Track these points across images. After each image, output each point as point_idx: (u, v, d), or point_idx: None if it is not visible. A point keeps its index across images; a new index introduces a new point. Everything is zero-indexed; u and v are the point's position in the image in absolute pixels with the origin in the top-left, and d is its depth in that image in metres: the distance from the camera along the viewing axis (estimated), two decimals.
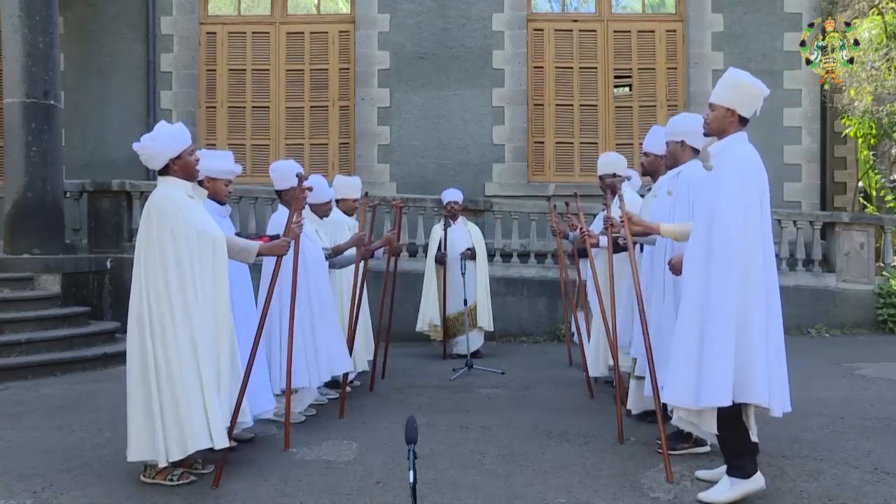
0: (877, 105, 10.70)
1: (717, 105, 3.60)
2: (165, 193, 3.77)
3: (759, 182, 3.46)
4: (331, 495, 3.62)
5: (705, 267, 3.41)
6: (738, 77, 3.59)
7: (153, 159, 3.82)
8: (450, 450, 4.38)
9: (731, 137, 3.56)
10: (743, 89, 3.56)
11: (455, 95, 11.10)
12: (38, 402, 5.84)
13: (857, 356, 7.76)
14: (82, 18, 11.18)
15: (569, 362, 7.49)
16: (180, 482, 3.78)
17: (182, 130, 3.89)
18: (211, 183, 4.40)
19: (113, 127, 11.12)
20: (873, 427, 4.83)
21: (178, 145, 3.82)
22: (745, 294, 3.32)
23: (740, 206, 3.36)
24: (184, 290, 3.65)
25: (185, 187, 3.85)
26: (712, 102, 3.63)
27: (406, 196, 10.14)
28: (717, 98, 3.61)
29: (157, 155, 3.80)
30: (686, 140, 4.42)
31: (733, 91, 3.57)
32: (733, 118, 3.56)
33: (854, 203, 12.68)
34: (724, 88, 3.60)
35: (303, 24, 11.42)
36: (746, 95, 3.56)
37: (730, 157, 3.48)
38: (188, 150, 3.86)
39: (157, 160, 3.82)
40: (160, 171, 3.86)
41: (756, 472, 3.44)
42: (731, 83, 3.58)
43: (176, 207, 3.71)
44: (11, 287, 7.83)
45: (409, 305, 9.34)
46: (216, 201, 4.44)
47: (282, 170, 5.18)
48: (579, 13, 11.55)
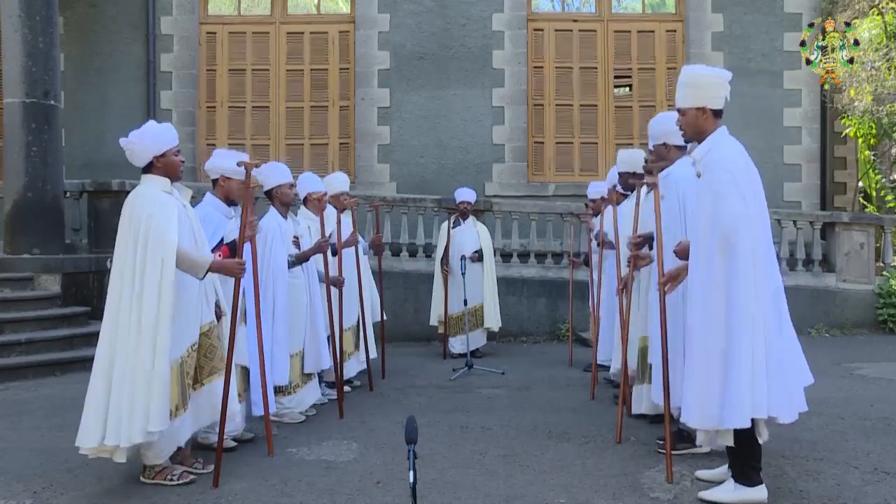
0: (877, 105, 10.70)
1: (686, 108, 3.50)
2: (141, 190, 3.77)
3: (752, 181, 3.38)
4: (331, 495, 3.62)
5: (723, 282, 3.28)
6: (694, 73, 3.50)
7: (137, 155, 3.83)
8: (450, 450, 4.38)
9: (713, 136, 3.46)
10: (704, 83, 3.47)
11: (455, 95, 11.10)
12: (38, 402, 5.85)
13: (857, 356, 7.76)
14: (82, 18, 11.18)
15: (569, 362, 7.50)
16: (180, 482, 3.77)
17: (169, 129, 3.90)
18: (226, 182, 4.40)
19: (113, 127, 11.09)
20: (873, 427, 4.83)
21: (163, 143, 3.82)
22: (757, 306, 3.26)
23: (744, 216, 3.28)
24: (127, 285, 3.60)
25: (165, 185, 3.83)
26: (679, 108, 3.52)
27: (406, 196, 10.15)
28: (682, 101, 3.50)
29: (142, 151, 3.80)
30: (668, 141, 4.32)
31: (695, 89, 3.47)
32: (706, 115, 3.47)
33: (854, 203, 12.68)
34: (686, 89, 3.50)
35: (303, 24, 11.42)
36: (710, 87, 3.46)
37: (717, 161, 3.38)
38: (173, 150, 3.86)
39: (140, 157, 3.82)
40: (144, 169, 3.85)
41: (761, 484, 3.41)
42: (690, 81, 3.49)
43: (149, 205, 3.68)
44: (11, 287, 7.83)
45: (410, 305, 9.36)
46: (226, 202, 4.45)
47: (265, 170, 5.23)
48: (579, 13, 11.55)
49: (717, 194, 3.34)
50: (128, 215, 3.71)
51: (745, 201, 3.31)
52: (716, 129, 3.48)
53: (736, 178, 3.34)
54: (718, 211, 3.32)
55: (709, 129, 3.48)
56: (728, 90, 3.50)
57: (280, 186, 5.27)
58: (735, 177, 3.34)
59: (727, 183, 3.32)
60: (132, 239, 3.64)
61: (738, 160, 3.40)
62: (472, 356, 7.26)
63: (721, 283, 3.30)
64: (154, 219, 3.63)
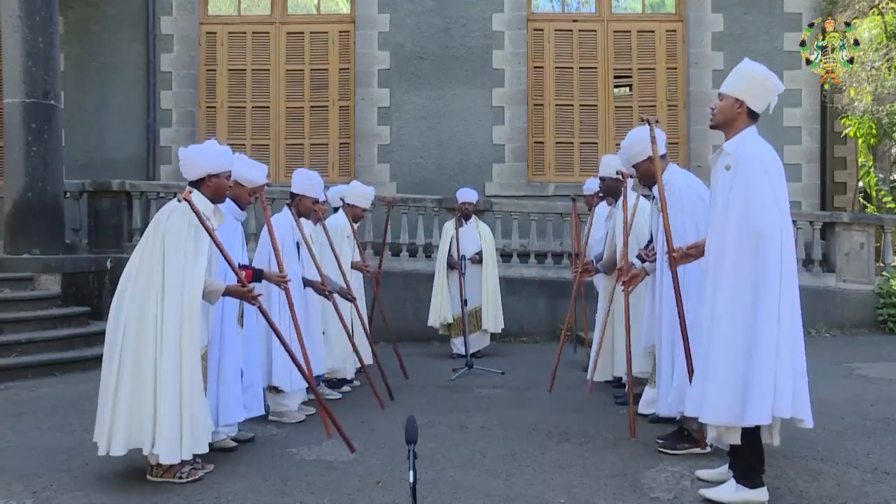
0: (877, 105, 10.70)
1: (726, 94, 3.48)
2: (181, 211, 3.79)
3: (782, 181, 3.39)
4: (331, 495, 3.61)
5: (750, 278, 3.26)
6: (750, 67, 3.48)
7: (193, 168, 3.91)
8: (450, 450, 4.38)
9: (745, 133, 3.44)
10: (755, 79, 3.45)
11: (455, 95, 11.10)
12: (38, 402, 5.85)
13: (857, 356, 7.76)
14: (82, 18, 11.17)
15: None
16: (189, 479, 3.79)
17: (230, 153, 4.03)
18: (237, 188, 4.46)
19: (113, 127, 11.12)
20: (873, 427, 4.83)
21: (220, 164, 3.94)
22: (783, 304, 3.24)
23: (777, 213, 3.29)
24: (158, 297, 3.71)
25: (207, 205, 3.91)
26: (721, 92, 3.51)
27: (406, 196, 10.15)
28: (726, 87, 3.49)
29: (199, 165, 3.89)
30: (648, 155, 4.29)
31: (744, 80, 3.45)
32: (742, 109, 3.45)
33: (854, 203, 12.69)
34: (735, 77, 3.49)
35: (303, 24, 11.42)
36: (758, 86, 3.44)
37: (753, 157, 3.35)
38: (226, 174, 3.96)
39: (196, 171, 3.90)
40: (193, 182, 3.92)
41: (762, 486, 3.40)
42: (743, 72, 3.47)
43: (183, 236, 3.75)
44: (11, 287, 7.83)
45: (410, 305, 9.35)
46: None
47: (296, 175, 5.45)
48: (579, 13, 11.55)
49: (752, 190, 3.31)
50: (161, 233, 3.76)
51: (777, 199, 3.32)
52: (746, 127, 3.47)
53: (771, 175, 3.35)
54: (751, 207, 3.30)
55: (738, 124, 3.47)
56: (774, 101, 3.50)
57: (303, 197, 5.41)
58: (770, 174, 3.35)
59: (762, 179, 3.32)
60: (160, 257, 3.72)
61: (772, 158, 3.40)
62: (472, 357, 7.26)
63: (748, 278, 3.28)
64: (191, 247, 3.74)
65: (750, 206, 3.30)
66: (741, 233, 3.31)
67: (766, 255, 3.26)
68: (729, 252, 3.34)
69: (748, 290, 3.27)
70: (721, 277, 3.36)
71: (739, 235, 3.31)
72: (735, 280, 3.31)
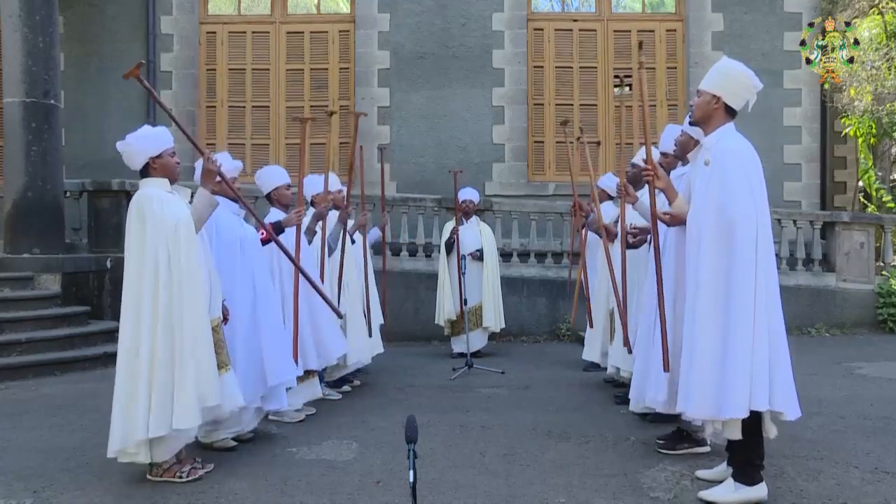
0: (877, 105, 10.70)
1: (704, 91, 3.56)
2: (145, 191, 3.83)
3: (759, 177, 3.42)
4: (331, 495, 3.62)
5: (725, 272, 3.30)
6: (728, 64, 3.55)
7: (133, 158, 3.89)
8: (450, 450, 4.38)
9: (723, 129, 3.51)
10: (731, 77, 3.51)
11: (455, 95, 11.09)
12: (38, 401, 5.85)
13: (857, 356, 7.76)
14: (82, 18, 11.17)
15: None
16: (190, 478, 3.79)
17: (164, 132, 3.98)
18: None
19: (113, 127, 11.07)
20: (873, 427, 4.83)
21: (158, 145, 3.90)
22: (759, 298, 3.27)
23: (752, 208, 3.32)
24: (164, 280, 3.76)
25: (165, 185, 3.90)
26: (700, 88, 3.60)
27: (406, 196, 10.15)
28: (704, 84, 3.57)
29: (138, 153, 3.87)
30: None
31: (721, 77, 3.53)
32: (718, 105, 3.51)
33: (854, 203, 12.67)
34: (713, 74, 3.56)
35: (303, 23, 11.42)
36: (734, 83, 3.51)
37: (729, 152, 3.42)
38: (168, 152, 3.93)
39: (137, 159, 3.88)
40: (141, 172, 3.91)
41: (761, 482, 3.41)
42: (721, 69, 3.55)
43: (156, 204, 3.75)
44: (11, 287, 7.83)
45: (410, 305, 9.36)
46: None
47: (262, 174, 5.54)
48: (579, 13, 11.54)
49: (727, 184, 3.37)
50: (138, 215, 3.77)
51: (752, 194, 3.36)
52: (724, 123, 3.53)
53: (747, 170, 3.39)
54: (726, 201, 3.35)
55: (716, 120, 3.53)
56: (753, 98, 3.55)
57: (277, 188, 5.47)
58: (746, 169, 3.39)
59: (738, 174, 3.37)
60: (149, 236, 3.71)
61: (749, 154, 3.45)
62: (472, 356, 7.27)
63: (723, 272, 3.32)
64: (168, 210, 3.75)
65: (725, 201, 3.35)
66: (717, 228, 3.36)
67: (741, 249, 3.30)
68: (706, 247, 3.40)
69: (723, 284, 3.32)
70: (700, 273, 3.42)
71: (715, 230, 3.36)
72: (711, 274, 3.36)
